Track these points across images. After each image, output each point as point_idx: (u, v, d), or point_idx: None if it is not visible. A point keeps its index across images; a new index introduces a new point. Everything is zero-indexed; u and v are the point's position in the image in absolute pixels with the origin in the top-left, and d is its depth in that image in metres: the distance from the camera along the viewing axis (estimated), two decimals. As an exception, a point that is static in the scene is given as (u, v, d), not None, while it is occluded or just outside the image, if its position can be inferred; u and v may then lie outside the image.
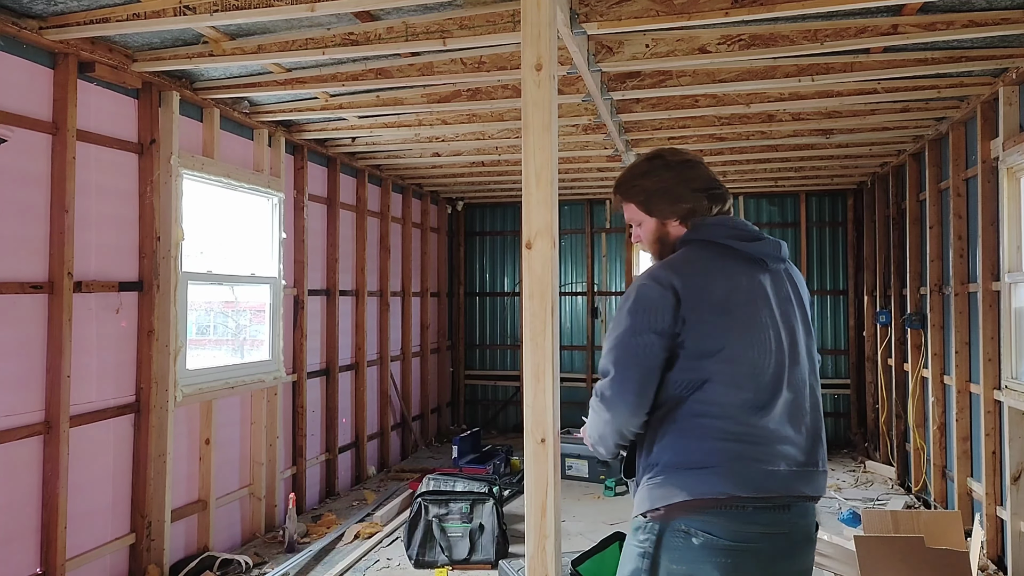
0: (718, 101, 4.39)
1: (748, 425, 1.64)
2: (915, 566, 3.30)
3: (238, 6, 3.07)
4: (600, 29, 3.11)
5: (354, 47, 3.45)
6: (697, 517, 1.63)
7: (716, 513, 1.62)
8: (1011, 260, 3.96)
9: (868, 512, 3.88)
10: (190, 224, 4.17)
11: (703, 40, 3.48)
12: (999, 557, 4.09)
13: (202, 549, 4.29)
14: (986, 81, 4.03)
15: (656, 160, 1.92)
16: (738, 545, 1.60)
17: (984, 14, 3.21)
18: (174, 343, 3.96)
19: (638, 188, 1.91)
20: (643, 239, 1.94)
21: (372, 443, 6.59)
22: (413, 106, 4.39)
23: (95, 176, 3.66)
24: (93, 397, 3.63)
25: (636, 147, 5.46)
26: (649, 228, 1.91)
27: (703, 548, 1.61)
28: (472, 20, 3.23)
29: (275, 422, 4.98)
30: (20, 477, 3.24)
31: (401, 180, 7.11)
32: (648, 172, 1.91)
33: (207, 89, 4.21)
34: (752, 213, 7.93)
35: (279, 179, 5.03)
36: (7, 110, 3.19)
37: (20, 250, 3.26)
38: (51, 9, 3.16)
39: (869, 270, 7.07)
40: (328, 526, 4.97)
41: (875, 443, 6.89)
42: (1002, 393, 4.03)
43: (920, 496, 5.53)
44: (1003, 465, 4.02)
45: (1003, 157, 3.99)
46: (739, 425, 1.64)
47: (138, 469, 3.87)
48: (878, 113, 4.65)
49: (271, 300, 5.02)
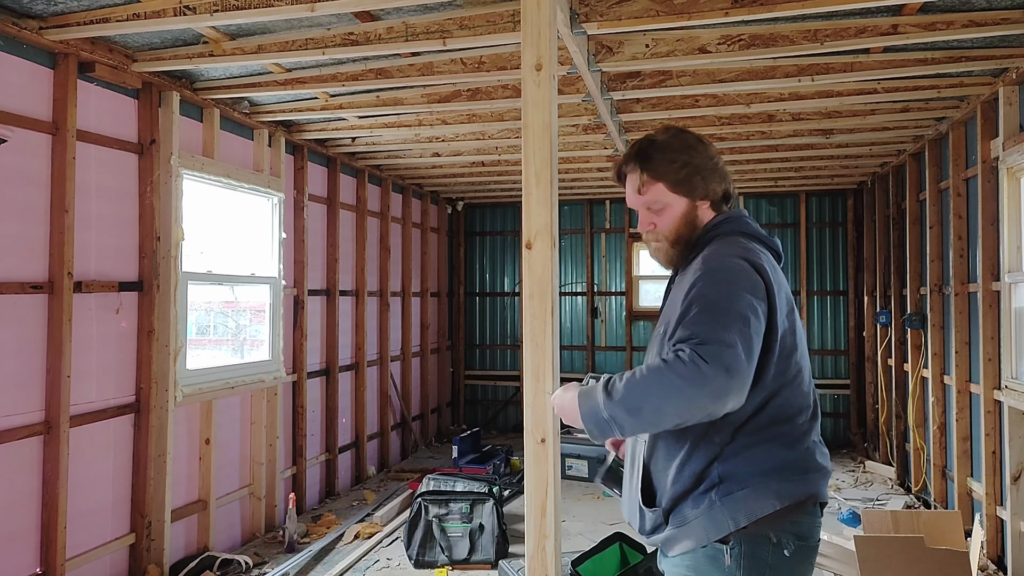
0: (718, 101, 4.40)
1: (812, 429, 1.60)
2: (915, 566, 3.30)
3: (238, 6, 3.07)
4: (600, 29, 3.11)
5: (354, 47, 3.45)
6: (785, 524, 1.50)
7: (801, 515, 1.52)
8: (1011, 260, 3.96)
9: (868, 512, 3.88)
10: (190, 224, 4.17)
11: (703, 40, 3.48)
12: (999, 557, 4.08)
13: (202, 549, 4.29)
14: (986, 81, 4.03)
15: (685, 135, 1.69)
16: (818, 544, 1.58)
17: (984, 14, 3.21)
18: (174, 343, 3.96)
19: (676, 164, 1.64)
20: (662, 226, 1.67)
21: (372, 443, 6.59)
22: (413, 106, 4.39)
23: (95, 176, 3.66)
24: (93, 397, 3.63)
25: (636, 147, 5.45)
26: (679, 211, 1.66)
27: (797, 554, 1.51)
28: (472, 20, 3.23)
29: (275, 422, 4.98)
30: (20, 477, 3.24)
31: (401, 180, 7.11)
32: (683, 148, 1.66)
33: (207, 89, 4.21)
34: (752, 213, 7.92)
35: (279, 179, 5.02)
36: (7, 110, 3.19)
37: (20, 250, 3.26)
38: (51, 9, 3.16)
39: (869, 270, 7.07)
40: (328, 526, 4.97)
41: (875, 443, 6.88)
42: (1002, 393, 4.03)
43: (920, 496, 5.53)
44: (1003, 465, 4.02)
45: (1003, 157, 3.99)
46: (810, 428, 1.58)
47: (138, 469, 3.87)
48: (878, 113, 4.65)
49: (271, 300, 5.02)
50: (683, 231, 1.67)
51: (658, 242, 1.71)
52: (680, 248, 1.69)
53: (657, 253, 1.74)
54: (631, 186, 1.71)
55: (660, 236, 1.69)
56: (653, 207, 1.68)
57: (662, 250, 1.72)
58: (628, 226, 8.23)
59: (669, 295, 1.75)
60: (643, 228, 1.73)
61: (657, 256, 1.76)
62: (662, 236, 1.69)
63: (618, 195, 8.09)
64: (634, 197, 1.71)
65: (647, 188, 1.67)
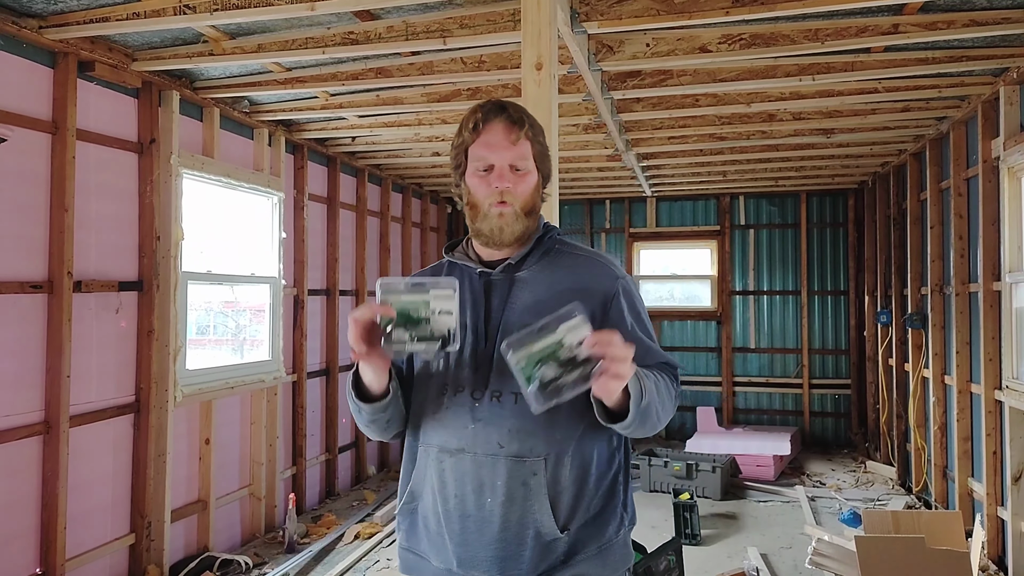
0: (719, 100, 4.39)
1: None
2: (916, 566, 3.30)
3: (238, 5, 3.07)
4: (600, 28, 3.11)
5: (354, 46, 3.45)
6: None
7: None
8: (1012, 260, 3.96)
9: (869, 512, 3.88)
10: (190, 224, 4.17)
11: (704, 39, 3.47)
12: (1000, 557, 4.08)
13: (202, 549, 4.28)
14: (987, 80, 4.02)
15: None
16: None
17: (985, 13, 3.20)
18: (174, 343, 3.96)
19: (540, 136, 1.50)
20: (520, 191, 1.46)
21: (372, 443, 6.58)
22: (413, 105, 4.39)
23: (95, 175, 3.66)
24: (93, 397, 3.62)
25: (636, 146, 5.46)
26: (534, 183, 1.48)
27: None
28: (472, 19, 3.22)
29: (275, 422, 4.97)
30: (20, 477, 3.23)
31: (401, 179, 7.10)
32: (542, 129, 1.53)
33: (207, 88, 4.21)
34: (752, 213, 7.92)
35: (279, 178, 5.02)
36: (7, 109, 3.18)
37: (20, 249, 3.26)
38: (51, 8, 3.15)
39: (870, 270, 7.06)
40: (328, 526, 4.97)
41: (876, 443, 6.88)
42: (1003, 393, 4.03)
43: (921, 496, 5.52)
44: (1004, 465, 4.02)
45: (1004, 157, 3.98)
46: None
47: (138, 469, 3.86)
48: (879, 112, 4.64)
49: (271, 300, 5.02)
50: (534, 207, 1.49)
51: (506, 207, 1.45)
52: (524, 226, 1.47)
53: (500, 220, 1.45)
54: (504, 135, 1.44)
55: (514, 200, 1.45)
56: (520, 165, 1.45)
57: (508, 217, 1.45)
58: (628, 226, 8.23)
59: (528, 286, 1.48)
60: (498, 183, 1.43)
61: (499, 223, 1.45)
62: (516, 201, 1.45)
63: (618, 195, 8.09)
64: (505, 145, 1.44)
65: (521, 144, 1.45)
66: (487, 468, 1.39)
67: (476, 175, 1.47)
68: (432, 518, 1.46)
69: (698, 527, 4.71)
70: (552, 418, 1.36)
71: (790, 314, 7.81)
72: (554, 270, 1.51)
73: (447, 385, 1.45)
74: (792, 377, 7.75)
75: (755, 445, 6.34)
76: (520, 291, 1.48)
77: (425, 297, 1.26)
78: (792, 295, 7.81)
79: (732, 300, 7.94)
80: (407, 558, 1.54)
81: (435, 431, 1.45)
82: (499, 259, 1.52)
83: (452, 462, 1.42)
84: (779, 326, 7.83)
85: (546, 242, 1.54)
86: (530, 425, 1.38)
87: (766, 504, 5.56)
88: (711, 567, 4.26)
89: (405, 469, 1.53)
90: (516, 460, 1.38)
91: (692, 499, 4.76)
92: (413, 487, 1.50)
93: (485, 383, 1.42)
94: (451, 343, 1.28)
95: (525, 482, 1.38)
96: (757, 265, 7.91)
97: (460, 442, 1.42)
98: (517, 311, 1.45)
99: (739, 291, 7.94)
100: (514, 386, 1.33)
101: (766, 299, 7.89)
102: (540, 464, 1.38)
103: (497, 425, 1.40)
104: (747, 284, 7.93)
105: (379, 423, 1.49)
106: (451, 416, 1.43)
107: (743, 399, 7.88)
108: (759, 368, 7.85)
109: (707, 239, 8.07)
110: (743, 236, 7.94)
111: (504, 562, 1.39)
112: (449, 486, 1.43)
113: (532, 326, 1.20)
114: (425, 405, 1.48)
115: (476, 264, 1.53)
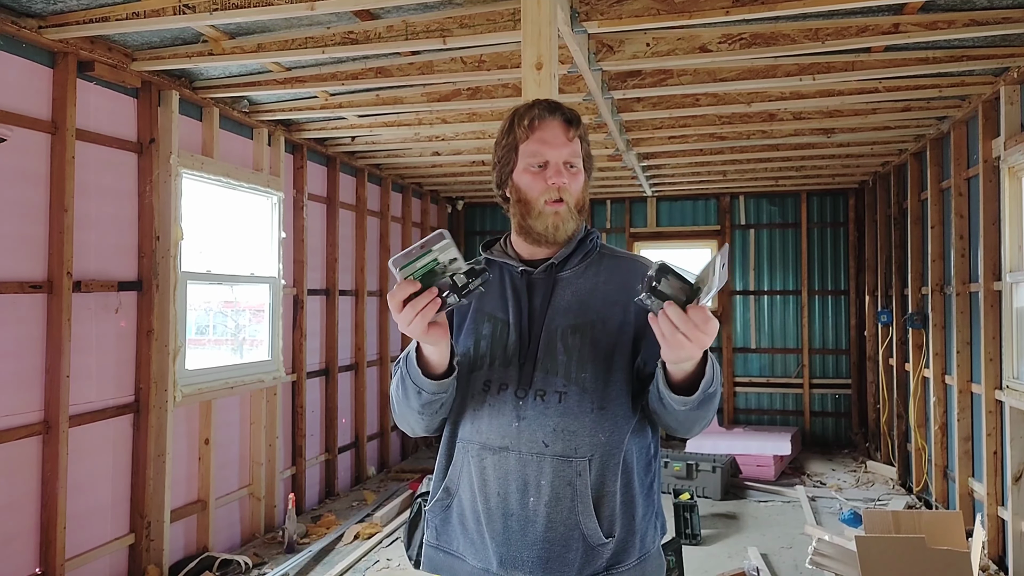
0: (719, 100, 4.39)
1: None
2: (916, 566, 3.29)
3: (238, 5, 3.06)
4: (601, 28, 3.11)
5: (354, 46, 3.44)
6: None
7: None
8: (1012, 260, 3.95)
9: (869, 512, 3.87)
10: (189, 223, 4.16)
11: (704, 39, 3.47)
12: (1000, 557, 4.08)
13: (201, 549, 4.28)
14: (987, 80, 4.02)
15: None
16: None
17: (985, 13, 3.20)
18: (173, 343, 3.96)
19: (587, 140, 1.53)
20: (574, 188, 1.46)
21: (372, 443, 6.58)
22: (413, 105, 4.38)
23: (94, 175, 3.65)
24: (92, 397, 3.62)
25: (637, 146, 5.45)
26: (583, 183, 1.49)
27: None
28: (472, 19, 3.22)
29: (274, 422, 4.97)
30: (19, 477, 3.23)
31: (401, 179, 7.10)
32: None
33: (206, 88, 4.20)
34: (753, 213, 7.92)
35: (278, 178, 5.02)
36: (6, 109, 3.18)
37: (19, 250, 3.25)
38: (50, 8, 3.15)
39: (870, 270, 7.06)
40: (328, 527, 4.96)
41: (876, 443, 6.87)
42: (1003, 393, 4.02)
43: (921, 496, 5.52)
44: (1004, 465, 4.01)
45: (1004, 156, 3.98)
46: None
47: (137, 469, 3.86)
48: (879, 112, 4.64)
49: (270, 300, 5.01)
50: (584, 206, 1.49)
51: (561, 204, 1.44)
52: (576, 224, 1.48)
53: (556, 218, 1.44)
54: (561, 132, 1.45)
55: (569, 197, 1.45)
56: (574, 163, 1.46)
57: (563, 215, 1.45)
58: (629, 226, 8.22)
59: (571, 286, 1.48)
60: (555, 179, 1.43)
61: (554, 220, 1.45)
62: (571, 198, 1.45)
63: (619, 195, 8.09)
64: (562, 142, 1.45)
65: (575, 142, 1.47)
66: (532, 467, 1.38)
67: (529, 172, 1.46)
68: (471, 516, 1.45)
69: (698, 527, 4.70)
70: (597, 420, 1.38)
71: (790, 314, 7.81)
72: (597, 271, 1.51)
73: (490, 382, 1.44)
74: (792, 377, 7.74)
75: (755, 445, 6.34)
76: (563, 291, 1.48)
77: (434, 255, 1.26)
78: (792, 295, 7.81)
79: (732, 300, 7.94)
80: (435, 556, 1.53)
81: (477, 428, 1.44)
82: (540, 258, 1.51)
83: (495, 460, 1.41)
84: (779, 326, 7.83)
85: (588, 244, 1.54)
86: (574, 425, 1.38)
87: (766, 504, 5.56)
88: (711, 567, 4.26)
89: (439, 466, 1.52)
90: (561, 459, 1.37)
91: (692, 499, 4.75)
92: (448, 483, 1.49)
93: (529, 381, 1.42)
94: (474, 282, 1.26)
95: (571, 482, 1.37)
96: (757, 265, 7.90)
97: (504, 440, 1.40)
98: (560, 310, 1.45)
99: (739, 291, 7.94)
100: (558, 384, 1.37)
101: (766, 299, 7.89)
102: (584, 464, 1.37)
103: (542, 423, 1.39)
104: (747, 284, 7.92)
105: (434, 406, 1.42)
106: (494, 413, 1.42)
107: (743, 399, 7.87)
108: (759, 368, 7.85)
109: (707, 239, 8.07)
110: (743, 236, 7.94)
111: (548, 563, 1.37)
112: (491, 484, 1.41)
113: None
114: (466, 402, 1.46)
115: (517, 262, 1.52)
